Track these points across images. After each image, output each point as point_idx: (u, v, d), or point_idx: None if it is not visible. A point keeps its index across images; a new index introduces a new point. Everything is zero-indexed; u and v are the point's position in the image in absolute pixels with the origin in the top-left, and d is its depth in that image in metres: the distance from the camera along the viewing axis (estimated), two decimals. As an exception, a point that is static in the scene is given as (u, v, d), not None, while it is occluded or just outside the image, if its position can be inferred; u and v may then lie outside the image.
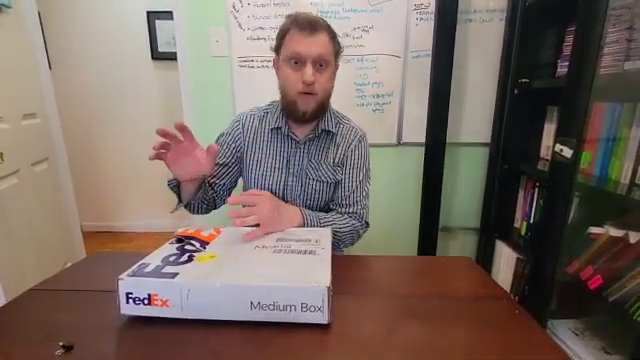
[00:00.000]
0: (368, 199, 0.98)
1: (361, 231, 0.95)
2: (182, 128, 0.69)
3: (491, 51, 1.55)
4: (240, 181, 1.01)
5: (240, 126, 0.95)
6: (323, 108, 0.89)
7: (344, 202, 0.94)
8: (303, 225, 0.84)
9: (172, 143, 0.70)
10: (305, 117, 0.87)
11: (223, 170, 0.95)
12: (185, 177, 0.79)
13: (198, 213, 0.93)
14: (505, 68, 1.48)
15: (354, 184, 0.94)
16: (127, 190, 2.72)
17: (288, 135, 0.92)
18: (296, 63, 0.82)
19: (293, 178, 0.93)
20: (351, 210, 0.94)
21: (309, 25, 0.80)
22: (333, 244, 0.88)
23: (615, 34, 1.04)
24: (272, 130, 0.93)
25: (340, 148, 0.94)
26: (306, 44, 0.80)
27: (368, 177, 0.98)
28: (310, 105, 0.85)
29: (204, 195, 0.88)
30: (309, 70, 0.81)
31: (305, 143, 0.92)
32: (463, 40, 1.55)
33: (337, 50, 0.87)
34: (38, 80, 1.67)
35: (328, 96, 0.89)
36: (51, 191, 1.72)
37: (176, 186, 0.84)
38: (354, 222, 0.92)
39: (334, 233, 0.87)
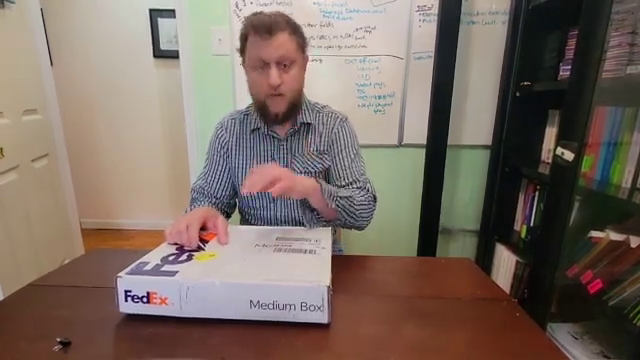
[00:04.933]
0: (367, 174, 0.95)
1: (372, 205, 0.90)
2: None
3: (493, 53, 1.55)
4: None
5: (224, 130, 0.96)
6: (295, 106, 0.89)
7: (344, 182, 0.91)
8: (320, 191, 0.79)
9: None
10: (278, 119, 0.87)
11: (224, 179, 0.96)
12: None
13: None
14: (507, 71, 1.47)
15: (346, 162, 0.93)
16: (127, 187, 2.71)
17: (269, 134, 0.92)
18: (261, 67, 0.83)
19: None
20: (355, 186, 0.91)
21: (265, 28, 0.79)
22: (353, 218, 0.85)
23: (617, 38, 1.04)
24: (253, 131, 0.93)
25: (323, 136, 0.94)
26: (266, 48, 0.80)
27: (360, 156, 0.96)
28: (281, 106, 0.85)
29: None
30: (274, 72, 0.81)
31: (287, 139, 0.92)
32: (465, 42, 1.55)
33: (301, 44, 0.85)
34: (39, 76, 1.66)
35: (299, 93, 0.89)
36: (50, 187, 1.72)
37: None
38: (366, 195, 0.89)
39: (354, 206, 0.83)
